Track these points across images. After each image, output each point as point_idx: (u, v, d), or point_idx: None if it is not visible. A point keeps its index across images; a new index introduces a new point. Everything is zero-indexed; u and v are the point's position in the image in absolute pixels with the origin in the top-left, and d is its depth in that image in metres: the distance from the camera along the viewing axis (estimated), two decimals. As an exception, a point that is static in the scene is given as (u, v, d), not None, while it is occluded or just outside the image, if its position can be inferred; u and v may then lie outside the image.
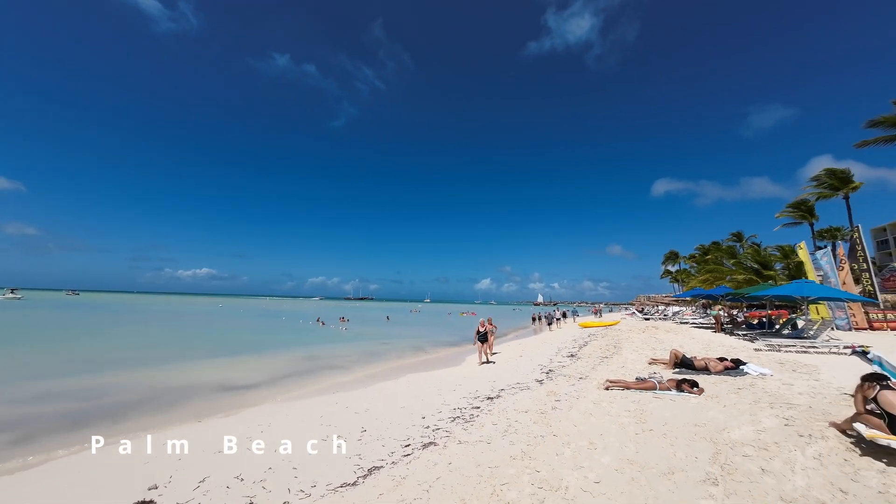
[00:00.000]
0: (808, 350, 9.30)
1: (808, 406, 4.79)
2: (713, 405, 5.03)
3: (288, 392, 8.72)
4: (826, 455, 3.30)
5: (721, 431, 4.05)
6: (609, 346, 12.95)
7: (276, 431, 5.25)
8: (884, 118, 22.48)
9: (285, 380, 10.08)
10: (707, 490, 2.80)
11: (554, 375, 8.50)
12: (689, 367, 7.55)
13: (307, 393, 8.57)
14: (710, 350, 10.40)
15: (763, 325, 13.95)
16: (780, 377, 6.53)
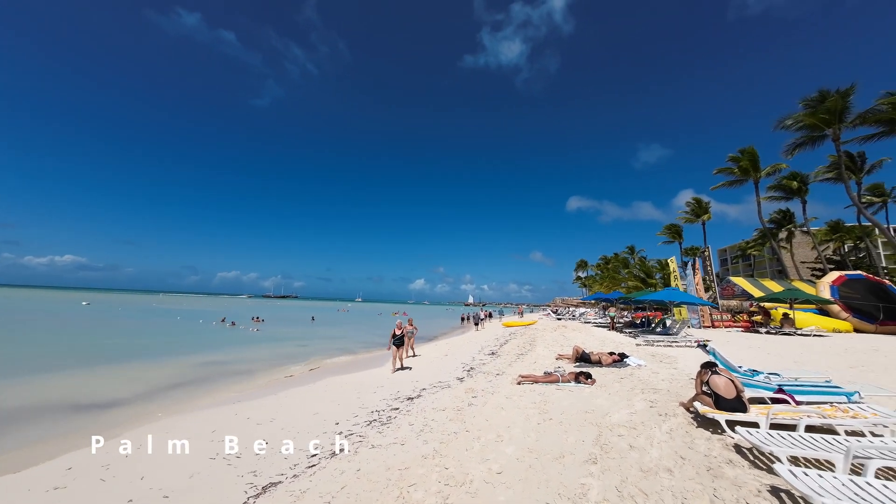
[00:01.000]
0: (672, 344, 11.51)
1: (667, 390, 5.89)
2: (601, 393, 5.83)
3: (172, 406, 7.32)
4: (675, 429, 4.07)
5: (605, 416, 4.70)
6: (526, 343, 14.12)
7: (144, 457, 4.35)
8: (725, 169, 29.67)
9: (170, 392, 8.46)
10: (588, 469, 3.20)
11: (475, 373, 8.88)
12: (587, 360, 8.65)
13: (200, 405, 7.34)
14: (604, 345, 12.10)
15: (644, 324, 16.85)
16: (651, 367, 7.92)
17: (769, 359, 9.03)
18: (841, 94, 22.30)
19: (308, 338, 20.37)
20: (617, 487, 2.86)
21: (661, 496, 2.73)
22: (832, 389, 4.67)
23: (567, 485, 2.94)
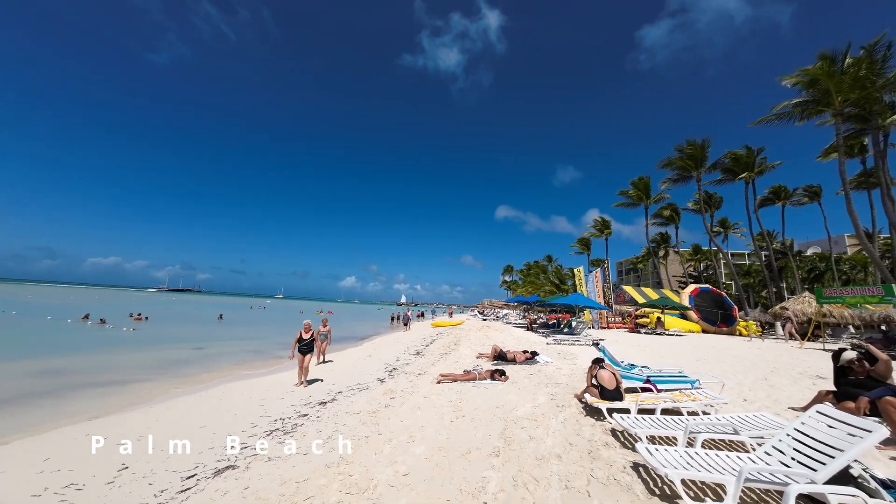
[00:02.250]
0: (575, 343, 13.08)
1: (566, 384, 6.62)
2: (512, 389, 6.27)
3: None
4: (568, 419, 4.58)
5: (512, 410, 5.04)
6: (451, 343, 14.51)
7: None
8: (623, 192, 35.44)
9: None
10: (491, 462, 3.37)
11: (397, 373, 8.75)
12: (504, 358, 9.25)
13: (37, 429, 5.65)
14: (520, 344, 13.14)
15: (555, 325, 18.83)
16: (556, 363, 8.83)
17: (644, 354, 10.90)
18: (699, 145, 28.58)
19: (207, 339, 17.58)
20: (513, 477, 3.07)
21: (549, 481, 3.01)
22: (682, 378, 5.82)
23: (469, 480, 3.04)
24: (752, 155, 27.43)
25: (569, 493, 2.84)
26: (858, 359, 4.44)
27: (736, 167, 27.98)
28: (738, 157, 27.66)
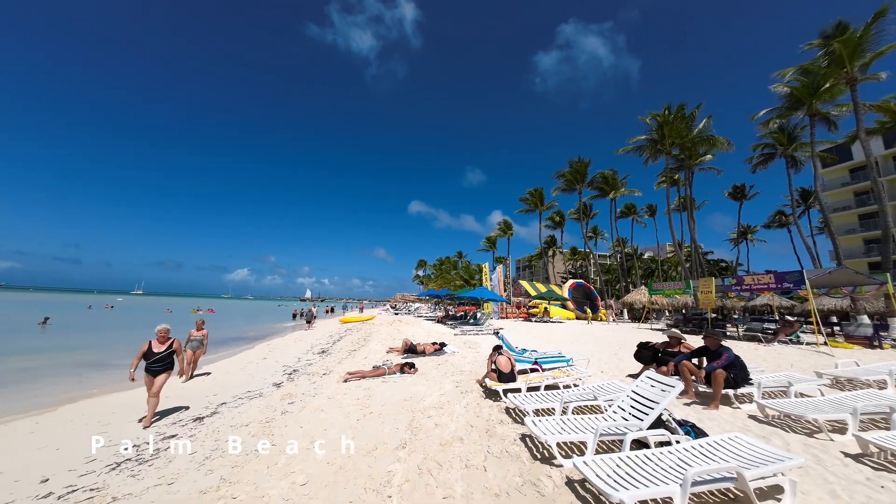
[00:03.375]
0: (479, 333, 14.23)
1: (470, 371, 7.16)
2: (421, 380, 6.44)
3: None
4: (470, 403, 4.96)
5: (420, 401, 5.19)
6: (360, 339, 14.00)
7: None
8: (523, 199, 40.30)
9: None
10: (397, 455, 3.40)
11: (298, 375, 8.00)
12: (414, 351, 9.42)
13: None
14: (430, 336, 13.58)
15: (463, 317, 20.10)
16: (462, 353, 9.45)
17: (534, 339, 12.62)
18: (583, 163, 34.66)
19: (25, 351, 12.65)
20: (418, 466, 3.17)
21: (452, 463, 3.22)
22: (560, 358, 6.96)
23: (374, 476, 3.01)
24: (616, 177, 34.57)
25: (468, 470, 3.09)
26: (672, 336, 6.09)
27: (605, 186, 34.84)
28: (607, 178, 34.52)
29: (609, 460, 2.72)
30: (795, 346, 10.78)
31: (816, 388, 5.10)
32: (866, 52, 16.84)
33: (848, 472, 3.00)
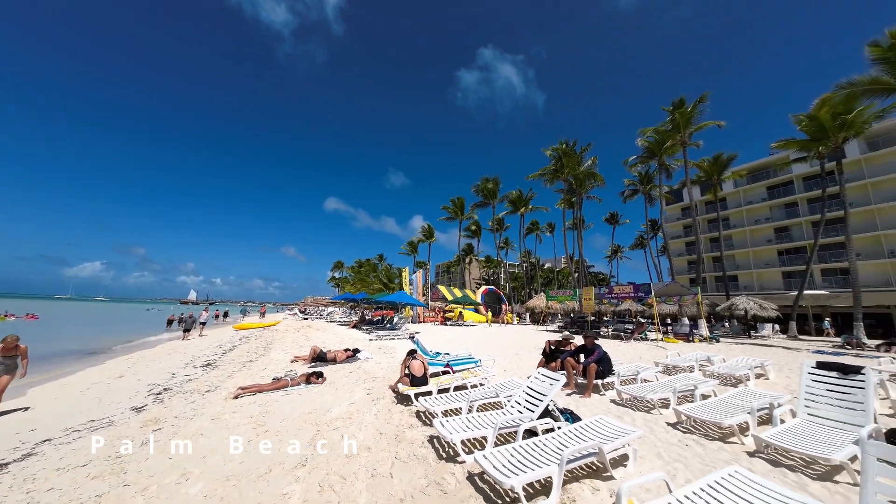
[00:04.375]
0: (395, 338, 14.11)
1: (383, 377, 7.03)
2: (329, 390, 6.04)
3: None
4: (381, 410, 4.88)
5: (327, 412, 4.87)
6: (259, 348, 12.36)
7: None
8: (445, 207, 42.11)
9: None
10: (295, 475, 3.12)
11: (171, 395, 6.60)
12: (323, 359, 8.78)
13: None
14: (343, 343, 12.86)
15: (380, 322, 19.61)
16: (376, 359, 9.22)
17: (448, 343, 13.13)
18: (494, 181, 38.31)
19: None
20: (320, 483, 2.97)
21: (357, 474, 3.12)
22: (470, 360, 7.42)
23: (265, 502, 2.71)
24: (527, 198, 38.92)
25: (374, 480, 3.04)
26: (564, 337, 7.12)
27: (517, 203, 38.84)
28: (519, 196, 38.62)
29: (504, 451, 3.03)
30: (644, 342, 13.79)
31: (654, 375, 6.63)
32: (692, 124, 23.03)
33: (668, 437, 3.99)
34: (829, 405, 3.97)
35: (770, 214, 35.18)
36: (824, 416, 3.93)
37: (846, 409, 3.85)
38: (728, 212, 37.50)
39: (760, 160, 35.39)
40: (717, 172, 28.08)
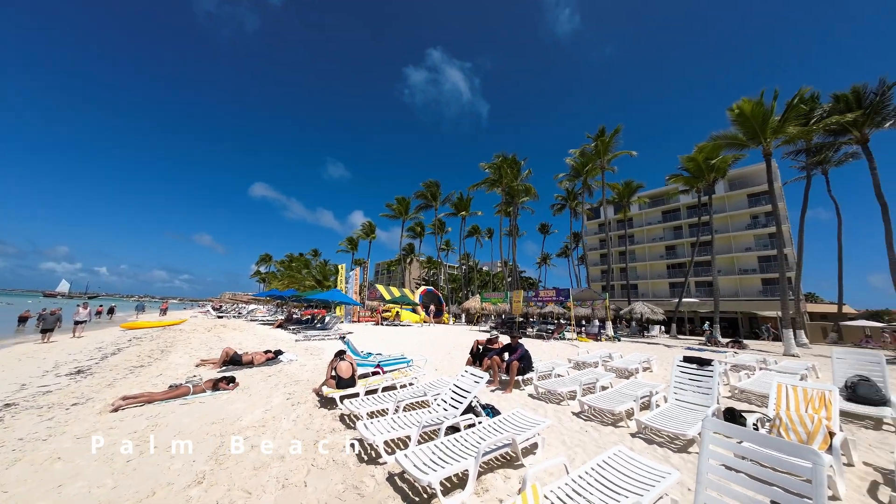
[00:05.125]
0: (325, 338, 13.32)
1: (308, 380, 6.59)
2: (241, 397, 5.44)
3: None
4: (301, 415, 4.57)
5: (236, 421, 4.37)
6: (155, 350, 10.53)
7: None
8: (389, 205, 41.42)
9: None
10: (188, 494, 2.74)
11: (15, 412, 5.23)
12: (238, 363, 7.87)
13: None
14: (264, 343, 11.68)
15: (309, 321, 18.30)
16: (301, 361, 8.59)
17: (383, 343, 12.87)
18: (435, 185, 39.27)
19: None
20: (218, 501, 2.66)
21: (266, 486, 2.87)
22: (402, 360, 7.40)
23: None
24: (466, 200, 40.26)
25: (285, 491, 2.83)
26: (491, 337, 7.52)
27: (458, 207, 39.97)
28: (460, 200, 39.76)
29: (426, 449, 3.10)
30: (562, 341, 15.35)
31: (566, 370, 7.43)
32: (610, 151, 26.54)
33: (572, 425, 4.52)
34: (690, 391, 4.92)
35: (663, 235, 42.28)
36: (687, 400, 4.86)
37: (701, 394, 4.83)
38: (634, 230, 44.01)
39: (659, 189, 42.31)
40: (627, 196, 32.76)
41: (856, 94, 16.66)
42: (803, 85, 16.51)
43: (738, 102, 16.09)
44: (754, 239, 35.56)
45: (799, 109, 15.99)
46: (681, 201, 40.58)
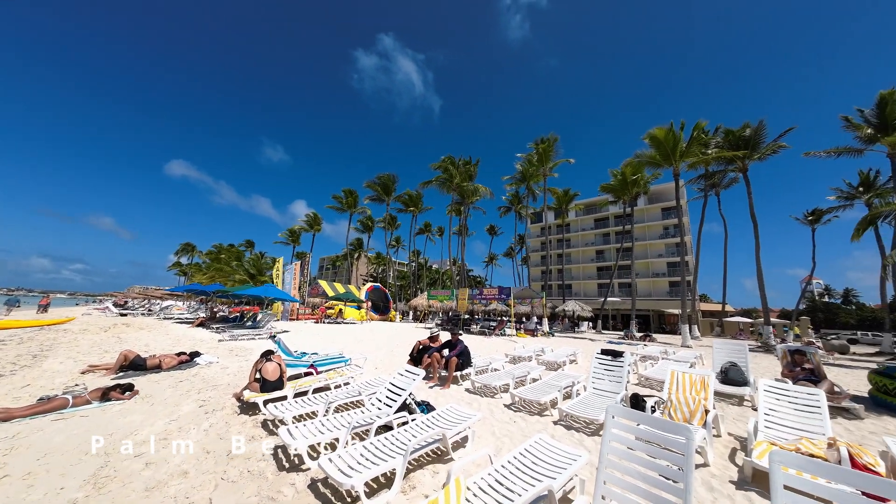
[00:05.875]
0: (255, 337, 12.17)
1: (228, 384, 5.94)
2: (140, 407, 4.69)
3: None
4: (215, 424, 4.09)
5: (130, 435, 3.75)
6: (25, 356, 8.57)
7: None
8: (336, 196, 39.57)
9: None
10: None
11: None
12: (141, 367, 6.79)
13: None
14: (179, 344, 10.26)
15: (237, 319, 16.54)
16: (223, 363, 7.72)
17: (322, 341, 12.18)
18: (392, 179, 38.60)
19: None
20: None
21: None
22: (340, 359, 7.08)
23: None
24: (418, 197, 40.05)
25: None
26: (432, 335, 7.56)
27: (410, 203, 39.56)
28: (412, 197, 39.37)
29: (353, 450, 2.99)
30: (503, 337, 16.13)
31: (502, 364, 7.81)
32: (551, 160, 28.62)
33: (502, 417, 4.75)
34: (606, 380, 5.52)
35: (594, 240, 46.92)
36: (603, 388, 5.44)
37: (614, 382, 5.43)
38: (570, 234, 48.08)
39: (593, 198, 46.77)
40: (565, 203, 35.62)
41: (741, 132, 20.28)
42: (700, 119, 19.60)
43: (653, 130, 18.60)
44: (665, 247, 41.32)
45: (700, 139, 18.98)
46: (610, 211, 45.43)
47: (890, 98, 17.01)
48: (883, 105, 17.17)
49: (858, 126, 17.93)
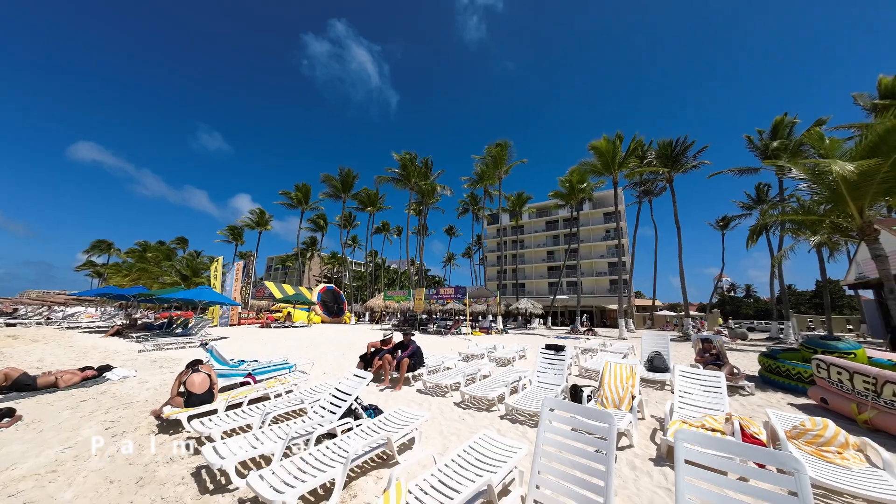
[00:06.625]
0: (185, 346, 10.90)
1: (146, 400, 5.23)
2: (24, 434, 3.93)
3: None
4: (124, 448, 3.57)
5: (6, 471, 3.11)
6: None
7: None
8: (285, 192, 37.08)
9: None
10: None
11: None
12: (29, 387, 5.70)
13: None
14: (86, 357, 8.83)
15: (164, 326, 14.66)
16: (141, 376, 6.79)
17: (265, 347, 11.29)
18: (351, 175, 37.29)
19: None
20: None
21: (39, 555, 2.10)
22: (283, 365, 6.61)
23: None
24: (376, 195, 39.06)
25: (74, 553, 2.13)
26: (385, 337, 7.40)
27: (367, 202, 38.40)
28: (370, 195, 38.27)
29: (289, 463, 2.79)
30: (459, 335, 16.36)
31: (455, 363, 7.91)
32: (506, 163, 29.78)
33: (452, 415, 4.80)
34: (550, 373, 5.84)
35: (545, 241, 49.76)
36: (547, 381, 5.75)
37: (556, 375, 5.78)
38: (524, 236, 50.44)
39: (544, 202, 49.53)
40: (519, 206, 37.26)
41: (670, 145, 22.91)
42: (636, 133, 21.82)
43: (595, 141, 20.36)
44: (606, 248, 45.21)
45: (637, 151, 21.14)
46: (559, 214, 48.54)
47: (781, 124, 20.50)
48: (775, 130, 20.65)
49: (756, 146, 21.39)
